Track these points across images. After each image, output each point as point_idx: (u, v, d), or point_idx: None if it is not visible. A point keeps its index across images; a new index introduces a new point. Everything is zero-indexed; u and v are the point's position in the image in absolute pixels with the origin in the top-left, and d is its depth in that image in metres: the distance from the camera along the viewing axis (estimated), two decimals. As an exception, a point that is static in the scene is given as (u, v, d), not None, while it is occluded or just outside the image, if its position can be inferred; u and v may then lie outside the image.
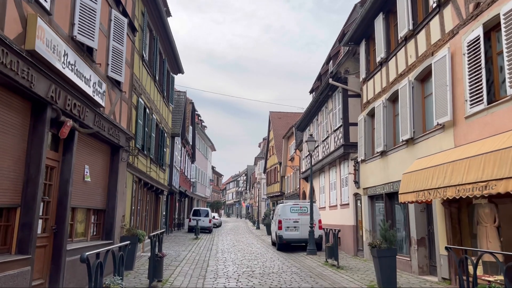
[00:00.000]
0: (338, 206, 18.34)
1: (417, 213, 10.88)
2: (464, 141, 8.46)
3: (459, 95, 8.76)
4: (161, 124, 17.58)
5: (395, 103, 12.86)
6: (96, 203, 9.50)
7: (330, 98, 18.80)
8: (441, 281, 9.41)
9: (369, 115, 14.78)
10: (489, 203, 8.58)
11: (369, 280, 9.90)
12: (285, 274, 10.88)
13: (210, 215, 33.80)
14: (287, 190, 35.34)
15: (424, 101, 10.98)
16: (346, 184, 17.01)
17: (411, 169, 9.53)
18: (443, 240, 9.34)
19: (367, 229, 14.60)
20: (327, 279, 10.19)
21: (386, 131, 12.83)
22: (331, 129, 18.69)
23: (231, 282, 9.41)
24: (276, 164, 40.15)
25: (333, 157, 18.28)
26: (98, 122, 8.63)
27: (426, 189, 8.27)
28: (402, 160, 11.58)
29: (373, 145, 14.57)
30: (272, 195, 42.11)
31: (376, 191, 13.71)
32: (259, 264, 12.88)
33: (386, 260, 8.86)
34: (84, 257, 4.02)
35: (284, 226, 17.67)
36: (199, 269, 11.72)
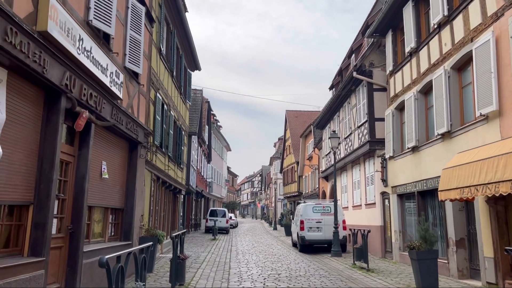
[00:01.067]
0: (362, 206, 17.57)
1: (455, 212, 10.10)
2: (513, 132, 7.69)
3: (507, 82, 7.98)
4: (178, 121, 17.08)
5: (427, 95, 12.09)
6: (114, 201, 8.98)
7: (353, 93, 18.05)
8: (485, 285, 8.63)
9: (397, 109, 14.01)
10: (541, 201, 7.83)
11: (405, 285, 9.18)
12: (313, 277, 10.21)
13: (227, 215, 33.27)
14: (305, 190, 34.59)
15: (461, 92, 10.20)
16: (372, 182, 16.24)
17: (452, 164, 8.77)
18: (488, 241, 8.56)
19: (396, 230, 13.83)
20: (359, 283, 9.49)
21: (418, 125, 12.06)
22: (354, 126, 17.93)
23: (257, 286, 8.78)
24: (293, 164, 39.43)
25: (357, 154, 17.53)
26: (115, 115, 8.10)
27: (472, 185, 7.51)
28: (438, 155, 10.81)
29: (402, 141, 13.81)
30: (289, 195, 41.38)
31: (406, 189, 12.93)
32: (283, 266, 12.23)
33: (426, 263, 8.15)
34: (104, 261, 3.45)
35: (306, 226, 16.98)
36: (221, 272, 11.14)
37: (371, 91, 16.00)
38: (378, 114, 15.75)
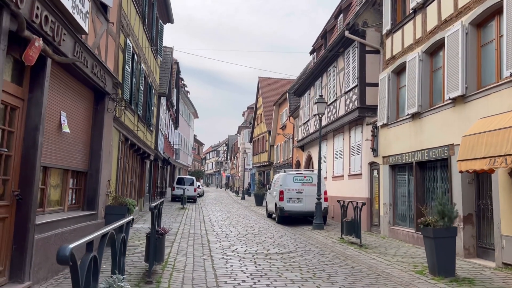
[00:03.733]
0: (345, 177, 16.60)
1: (464, 185, 9.14)
2: (555, 94, 6.62)
3: (549, 37, 6.86)
4: (149, 77, 15.22)
5: (433, 56, 10.93)
6: (76, 163, 7.33)
7: (341, 56, 16.72)
8: (501, 266, 7.76)
9: (394, 73, 12.83)
10: None
11: (410, 264, 8.21)
12: (307, 254, 9.07)
13: (195, 184, 31.89)
14: (277, 159, 33.59)
15: (480, 51, 9.05)
16: (359, 152, 15.21)
17: (475, 131, 7.68)
18: (508, 217, 7.64)
19: (385, 203, 12.92)
20: (359, 262, 8.43)
21: (421, 89, 10.93)
22: (340, 91, 16.71)
23: (248, 266, 7.51)
24: (264, 133, 38.19)
25: (342, 122, 16.39)
26: (79, 53, 6.37)
27: (510, 154, 6.43)
28: (446, 123, 9.75)
29: (398, 107, 12.72)
30: (259, 165, 40.35)
31: (402, 160, 11.92)
32: (268, 240, 11.04)
33: (444, 242, 7.12)
34: (67, 254, 1.96)
35: (286, 197, 15.86)
36: (200, 246, 9.82)
37: (363, 53, 14.72)
38: (369, 78, 14.56)
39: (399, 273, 7.43)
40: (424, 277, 7.08)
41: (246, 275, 6.74)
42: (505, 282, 6.71)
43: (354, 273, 7.28)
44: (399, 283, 6.68)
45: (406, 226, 11.94)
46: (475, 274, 7.33)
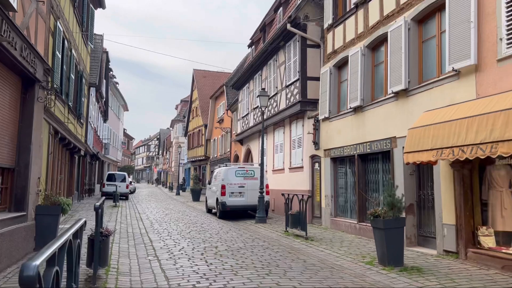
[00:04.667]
0: (286, 170, 16.67)
1: (406, 177, 9.46)
2: (494, 89, 6.98)
3: (488, 34, 7.21)
4: (79, 65, 14.05)
5: (375, 51, 11.20)
6: (1, 157, 6.43)
7: (282, 49, 16.70)
8: (443, 254, 8.13)
9: (336, 67, 13.02)
10: (505, 165, 7.37)
11: (358, 255, 8.32)
12: (256, 249, 8.85)
13: (127, 180, 30.44)
14: (214, 154, 33.12)
15: (422, 46, 9.39)
16: (300, 145, 15.32)
17: (421, 123, 7.91)
18: (449, 207, 7.99)
19: (327, 195, 13.12)
20: (309, 255, 8.38)
21: (364, 83, 11.16)
22: (281, 85, 16.70)
23: (200, 265, 7.11)
24: (200, 127, 37.46)
25: (283, 116, 16.41)
26: (6, 32, 5.53)
27: (457, 146, 6.67)
28: (389, 116, 10.02)
29: (339, 101, 12.93)
30: (195, 160, 39.56)
31: (343, 153, 12.14)
32: (214, 237, 10.68)
33: (393, 232, 7.25)
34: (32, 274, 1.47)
35: (228, 191, 15.56)
36: (143, 246, 9.20)
37: (304, 46, 14.79)
38: (310, 72, 14.68)
39: (350, 265, 7.47)
40: (374, 268, 7.17)
41: (200, 276, 6.35)
42: (450, 268, 6.99)
43: (308, 267, 7.19)
44: (353, 275, 6.69)
45: (347, 217, 12.20)
46: (421, 262, 7.57)
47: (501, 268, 6.72)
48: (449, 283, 5.98)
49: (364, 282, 6.16)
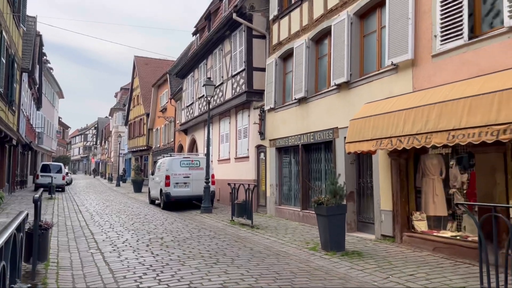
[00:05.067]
0: (231, 160, 16.72)
1: (347, 166, 9.87)
2: (429, 83, 7.45)
3: (424, 30, 7.66)
4: (11, 49, 13.08)
5: (319, 44, 11.49)
6: None
7: (227, 39, 16.62)
8: (380, 238, 8.61)
9: (281, 58, 13.20)
10: (437, 155, 7.93)
11: (302, 241, 8.59)
12: (203, 239, 8.84)
13: (63, 171, 29.00)
14: (156, 144, 32.39)
15: (363, 40, 9.77)
16: (246, 135, 15.41)
17: (361, 115, 8.27)
18: (387, 194, 8.47)
19: (272, 184, 13.37)
20: (255, 243, 8.53)
21: (308, 75, 11.43)
22: (227, 75, 16.65)
23: (146, 257, 6.98)
24: (142, 116, 36.40)
25: (228, 106, 16.40)
26: None
27: (395, 136, 7.06)
28: (332, 107, 10.37)
29: (284, 92, 13.15)
30: (136, 150, 38.45)
31: (288, 143, 12.40)
32: (158, 228, 10.51)
33: (335, 219, 7.56)
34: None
35: (172, 182, 15.33)
36: (84, 239, 8.86)
37: (250, 37, 14.83)
38: (256, 63, 14.76)
39: (295, 251, 7.70)
40: (318, 253, 7.44)
41: (146, 267, 6.24)
42: (387, 252, 7.43)
43: (255, 254, 7.32)
44: (298, 260, 6.90)
45: (291, 205, 12.52)
46: (361, 246, 7.97)
47: (433, 250, 7.25)
48: (387, 265, 6.37)
49: (308, 267, 6.38)
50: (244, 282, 5.41)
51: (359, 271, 6.12)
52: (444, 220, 7.77)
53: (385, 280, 5.62)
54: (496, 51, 6.30)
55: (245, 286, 5.24)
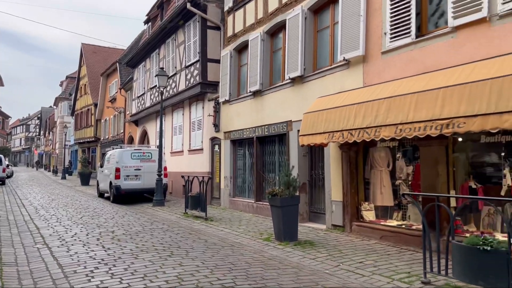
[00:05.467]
0: (185, 152, 16.54)
1: (300, 158, 10.09)
2: (378, 79, 7.76)
3: (375, 28, 7.95)
4: None
5: (274, 37, 11.59)
6: None
7: (181, 28, 16.34)
8: (331, 228, 8.91)
9: (236, 50, 13.18)
10: (385, 147, 8.30)
11: (256, 232, 8.71)
12: (156, 232, 8.73)
13: (4, 163, 27.40)
14: (105, 135, 31.32)
15: (317, 35, 9.97)
16: (200, 127, 15.29)
17: (315, 108, 8.46)
18: (337, 185, 8.76)
19: (226, 176, 13.39)
20: (210, 235, 8.54)
21: (263, 68, 11.50)
22: (181, 65, 16.40)
23: (97, 251, 6.78)
24: (89, 106, 35.01)
25: (182, 97, 16.17)
26: None
27: (346, 129, 7.31)
28: (286, 101, 10.52)
29: (239, 85, 13.17)
30: (83, 141, 36.98)
31: (243, 135, 12.46)
32: (109, 222, 10.23)
33: (289, 210, 7.73)
34: None
35: (123, 174, 14.93)
36: (29, 234, 8.47)
37: (204, 28, 14.66)
38: (211, 54, 14.64)
39: (249, 242, 7.79)
40: (272, 244, 7.58)
41: (97, 261, 6.08)
42: (337, 240, 7.71)
43: (209, 246, 7.33)
44: (253, 251, 7.00)
45: (245, 197, 12.62)
46: (313, 236, 8.21)
47: (380, 238, 7.61)
48: (337, 254, 6.61)
49: (263, 257, 6.50)
50: (200, 274, 5.42)
51: (311, 260, 6.31)
52: (391, 210, 8.16)
53: (336, 268, 5.84)
54: (441, 50, 6.67)
55: (200, 277, 5.25)
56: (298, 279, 5.26)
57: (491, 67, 5.40)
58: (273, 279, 5.21)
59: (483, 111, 5.15)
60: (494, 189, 6.33)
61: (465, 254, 4.42)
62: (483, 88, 5.24)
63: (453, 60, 6.39)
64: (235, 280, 5.13)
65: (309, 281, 5.14)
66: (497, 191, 6.20)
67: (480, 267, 4.27)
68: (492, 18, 5.91)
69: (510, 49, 5.61)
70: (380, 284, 5.06)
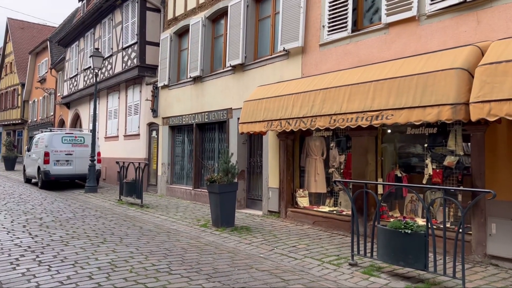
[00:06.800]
0: (120, 137, 16.00)
1: (239, 145, 10.17)
2: (316, 70, 8.02)
3: (314, 20, 8.17)
4: None
5: (216, 23, 11.49)
6: None
7: (118, 8, 15.65)
8: (267, 214, 9.12)
9: (176, 34, 12.91)
10: (320, 137, 8.62)
11: (193, 219, 8.71)
12: (88, 219, 8.41)
13: None
14: (33, 117, 29.38)
15: (258, 24, 10.03)
16: (136, 112, 14.85)
17: (255, 97, 8.55)
18: (274, 173, 8.97)
19: (164, 163, 13.17)
20: (145, 222, 8.41)
21: (204, 54, 11.38)
22: (117, 47, 15.75)
23: (23, 238, 6.42)
24: (16, 85, 32.56)
25: (118, 80, 15.58)
26: None
27: (284, 118, 7.47)
28: (227, 88, 10.52)
29: (179, 69, 12.94)
30: (8, 123, 34.41)
31: (182, 121, 12.30)
32: (37, 208, 9.69)
33: (227, 196, 7.81)
34: None
35: (52, 159, 14.14)
36: None
37: (143, 9, 14.17)
38: (150, 37, 14.21)
39: (186, 228, 7.78)
40: (208, 230, 7.62)
41: (23, 249, 5.76)
42: (273, 226, 7.93)
43: (145, 233, 7.22)
44: (189, 237, 7.00)
45: (183, 184, 12.52)
46: (249, 222, 8.37)
47: (313, 223, 7.93)
48: (272, 238, 6.80)
49: (199, 243, 6.52)
50: (134, 260, 5.33)
51: (247, 244, 6.44)
52: (324, 196, 8.51)
53: (270, 252, 6.02)
54: (374, 45, 7.02)
55: (134, 263, 5.18)
56: (233, 263, 5.36)
57: (418, 64, 5.78)
58: (208, 264, 5.27)
59: (409, 104, 5.51)
60: (417, 177, 6.82)
61: (389, 237, 4.75)
62: (409, 83, 5.61)
63: (385, 55, 6.75)
64: (170, 266, 5.11)
65: (244, 265, 5.26)
66: (419, 180, 6.70)
67: (401, 249, 4.62)
68: (421, 17, 6.32)
69: (435, 47, 6.04)
70: (311, 266, 5.30)
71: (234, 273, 4.90)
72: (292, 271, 5.07)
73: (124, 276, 4.62)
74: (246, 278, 4.70)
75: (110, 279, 4.52)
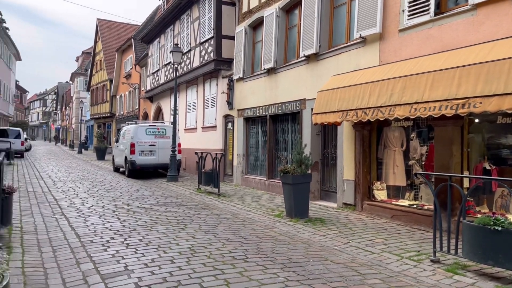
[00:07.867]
0: (198, 129, 16.65)
1: (313, 137, 10.08)
2: (395, 57, 7.65)
3: (393, 5, 7.79)
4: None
5: (289, 13, 11.44)
6: None
7: (196, 4, 16.20)
8: (342, 206, 8.97)
9: (250, 27, 13.06)
10: (399, 127, 8.23)
11: (268, 209, 8.82)
12: (170, 206, 8.91)
13: (22, 136, 27.91)
14: (120, 111, 31.62)
15: (333, 12, 9.81)
16: (213, 105, 15.33)
17: (329, 87, 8.40)
18: (350, 164, 8.77)
19: (239, 153, 13.48)
20: (222, 210, 8.69)
21: (277, 45, 11.40)
22: (195, 42, 16.34)
23: (112, 222, 6.98)
24: (105, 81, 35.26)
25: (196, 74, 16.17)
26: None
27: (360, 108, 7.26)
28: (300, 79, 10.46)
29: (253, 62, 13.10)
30: (99, 117, 37.42)
31: (256, 113, 12.47)
32: (124, 195, 10.46)
33: (300, 187, 7.80)
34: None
35: (137, 150, 15.15)
36: (47, 205, 8.72)
37: (219, 3, 14.52)
38: (225, 31, 14.54)
39: (261, 218, 7.91)
40: (283, 220, 7.68)
41: (113, 232, 6.26)
42: (348, 218, 7.78)
43: (222, 220, 7.47)
44: (264, 226, 7.12)
45: (258, 174, 12.72)
46: (323, 214, 8.29)
47: (391, 217, 7.65)
48: (348, 231, 6.68)
49: (273, 233, 6.60)
50: (212, 246, 5.55)
51: (321, 236, 6.40)
52: (403, 189, 8.16)
53: (346, 245, 5.92)
54: (460, 28, 6.53)
55: (212, 249, 5.38)
56: (308, 254, 5.35)
57: (511, 47, 5.28)
58: (283, 253, 5.32)
59: (501, 91, 5.06)
60: (509, 170, 6.28)
61: (476, 234, 4.44)
62: (501, 68, 5.15)
63: (472, 38, 6.26)
64: (246, 253, 5.24)
65: (319, 257, 5.23)
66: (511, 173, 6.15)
67: (490, 247, 4.29)
68: (514, -4, 5.75)
69: (532, 27, 5.47)
70: (389, 261, 5.13)
71: (308, 264, 4.90)
72: (369, 265, 4.95)
73: (203, 262, 4.83)
74: (321, 270, 4.67)
75: (190, 263, 4.75)
